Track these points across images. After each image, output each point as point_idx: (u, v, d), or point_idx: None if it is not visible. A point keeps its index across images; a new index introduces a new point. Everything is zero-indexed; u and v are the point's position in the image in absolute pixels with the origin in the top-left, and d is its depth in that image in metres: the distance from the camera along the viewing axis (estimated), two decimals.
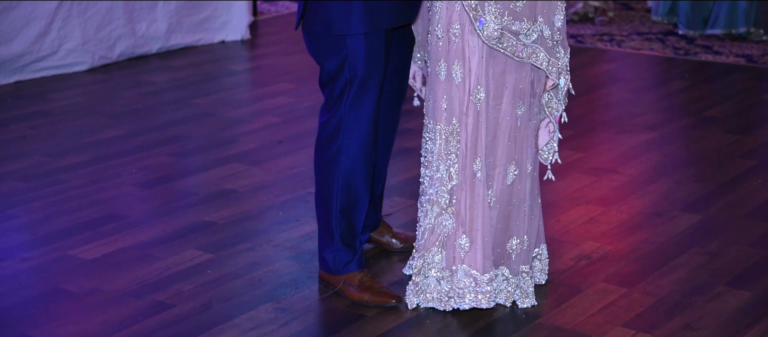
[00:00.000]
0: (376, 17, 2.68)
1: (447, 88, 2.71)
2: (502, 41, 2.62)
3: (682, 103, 4.89)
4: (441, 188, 2.77)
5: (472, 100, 2.68)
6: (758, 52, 5.66)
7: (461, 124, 2.71)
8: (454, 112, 2.71)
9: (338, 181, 2.81)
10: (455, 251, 2.77)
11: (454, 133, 2.73)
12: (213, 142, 4.29)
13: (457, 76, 2.69)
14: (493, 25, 2.60)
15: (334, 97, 2.77)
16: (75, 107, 4.74)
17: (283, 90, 5.02)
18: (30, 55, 5.05)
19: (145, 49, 5.53)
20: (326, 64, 2.76)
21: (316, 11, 2.70)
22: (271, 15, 6.62)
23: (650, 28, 6.22)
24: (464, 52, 2.66)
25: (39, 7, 5.03)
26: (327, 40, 2.72)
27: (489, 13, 2.60)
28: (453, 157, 2.73)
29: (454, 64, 2.68)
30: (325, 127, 2.81)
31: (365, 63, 2.71)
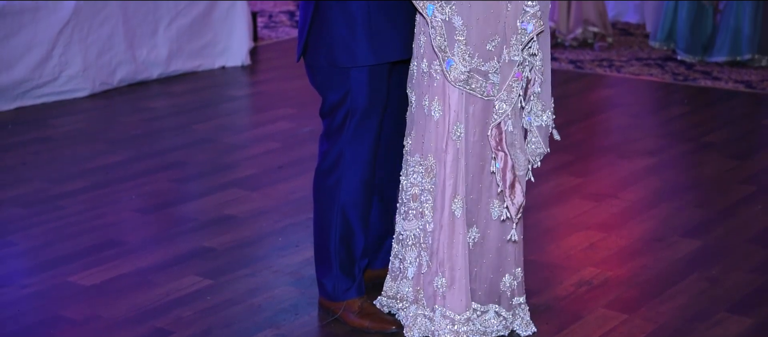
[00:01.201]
0: (380, 50, 2.68)
1: (428, 124, 2.69)
2: (470, 83, 2.60)
3: (681, 129, 4.90)
4: (420, 230, 2.75)
5: (452, 138, 2.65)
6: (757, 78, 5.68)
7: (439, 161, 2.67)
8: (430, 148, 2.69)
9: (337, 210, 2.81)
10: (434, 290, 2.73)
11: (431, 169, 2.70)
12: (213, 167, 4.30)
13: (435, 113, 2.66)
14: (461, 67, 2.57)
15: (334, 127, 2.77)
16: (75, 133, 4.75)
17: (283, 115, 5.03)
18: (31, 82, 5.07)
19: (145, 75, 5.54)
20: (328, 95, 2.76)
21: (320, 44, 2.69)
22: (271, 41, 6.64)
23: (649, 54, 6.24)
24: (444, 89, 2.63)
25: (40, 34, 5.05)
26: (330, 71, 2.72)
27: (457, 55, 2.58)
28: (427, 194, 2.71)
29: (434, 100, 2.66)
30: (324, 157, 2.81)
31: (368, 96, 2.71)
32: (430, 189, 2.71)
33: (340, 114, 2.75)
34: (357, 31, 2.64)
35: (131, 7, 5.40)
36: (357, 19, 2.64)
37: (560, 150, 4.48)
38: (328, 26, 2.66)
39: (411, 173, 2.76)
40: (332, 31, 2.67)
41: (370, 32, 2.65)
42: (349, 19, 2.64)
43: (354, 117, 2.73)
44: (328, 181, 2.81)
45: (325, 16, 2.67)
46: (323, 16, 2.67)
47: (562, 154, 4.40)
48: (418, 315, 2.77)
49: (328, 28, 2.67)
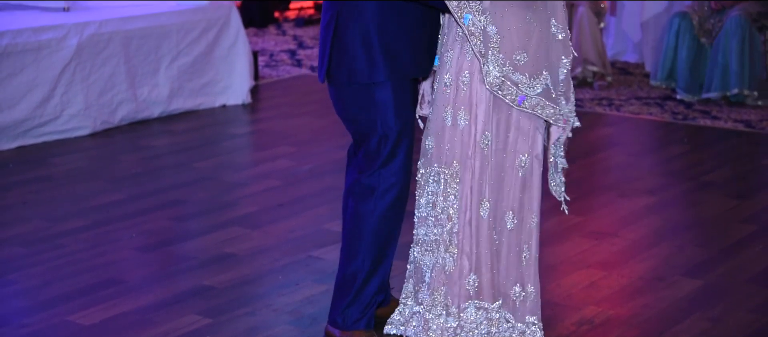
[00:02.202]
0: (396, 64, 2.75)
1: (451, 134, 2.78)
2: (503, 89, 2.71)
3: (681, 168, 4.90)
4: (443, 229, 2.82)
5: (479, 145, 2.75)
6: (756, 118, 5.70)
7: (464, 167, 2.77)
8: (455, 155, 2.78)
9: (369, 238, 2.83)
10: (462, 289, 2.81)
11: (454, 175, 2.78)
12: (213, 205, 4.29)
13: (461, 122, 2.76)
14: (495, 72, 2.68)
15: (371, 152, 2.80)
16: (76, 172, 4.75)
17: (283, 153, 5.04)
18: (32, 121, 5.08)
19: (146, 114, 5.56)
20: (357, 120, 2.80)
21: (340, 62, 2.77)
22: (272, 79, 6.67)
23: (649, 93, 6.27)
24: (471, 99, 2.74)
25: (43, 73, 5.07)
26: (353, 92, 2.77)
27: (491, 61, 2.69)
28: (452, 198, 2.79)
29: (460, 110, 2.76)
30: (358, 183, 2.83)
31: (395, 115, 2.77)
32: (454, 193, 2.79)
33: (373, 139, 2.79)
34: (374, 49, 2.72)
35: (133, 47, 5.43)
36: (373, 37, 2.72)
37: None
38: (347, 46, 2.74)
39: (430, 183, 2.84)
40: (350, 51, 2.74)
41: (387, 49, 2.73)
42: (366, 38, 2.72)
43: (388, 141, 2.78)
44: (365, 208, 2.82)
45: (343, 37, 2.74)
46: (342, 37, 2.75)
47: None
48: (439, 316, 2.83)
49: (346, 48, 2.74)
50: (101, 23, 5.29)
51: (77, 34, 5.18)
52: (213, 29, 5.79)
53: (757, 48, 5.93)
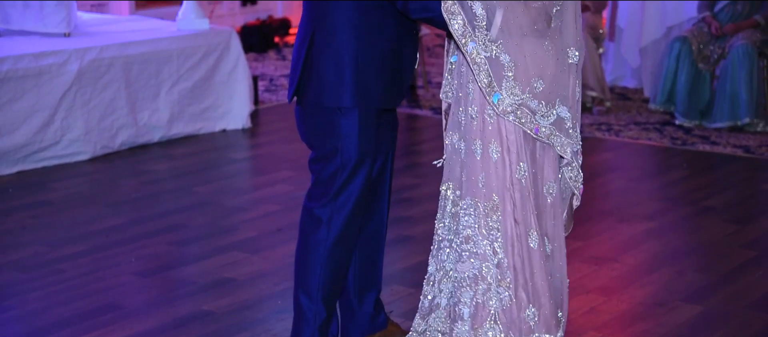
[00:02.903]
0: (367, 94, 2.71)
1: (484, 166, 2.71)
2: (519, 115, 2.64)
3: (681, 193, 4.90)
4: (485, 264, 2.74)
5: (516, 177, 2.69)
6: (755, 143, 5.71)
7: (504, 199, 2.71)
8: (492, 188, 2.71)
9: (321, 267, 2.81)
10: (522, 323, 2.75)
11: (495, 208, 2.72)
12: (212, 230, 4.29)
13: (494, 155, 2.70)
14: (509, 99, 2.62)
15: (323, 180, 2.78)
16: (75, 197, 4.75)
17: (282, 178, 5.04)
18: (32, 146, 5.08)
19: (146, 139, 5.57)
20: (318, 145, 2.78)
21: (309, 82, 2.74)
22: (272, 104, 6.68)
23: (647, 118, 6.28)
24: (501, 131, 2.68)
25: (43, 99, 5.08)
26: (319, 115, 2.74)
27: (505, 89, 2.62)
28: (495, 232, 2.72)
29: (491, 143, 2.69)
30: (311, 214, 2.81)
31: (358, 146, 2.73)
32: (497, 227, 2.72)
33: (329, 168, 2.75)
34: (345, 74, 2.69)
35: (134, 72, 5.45)
36: (345, 63, 2.69)
37: None
38: (319, 68, 2.72)
39: (462, 216, 2.76)
40: (322, 73, 2.71)
41: (358, 76, 2.69)
42: (338, 63, 2.69)
43: (345, 171, 2.74)
44: (315, 238, 2.80)
45: (316, 59, 2.72)
46: (315, 59, 2.72)
47: None
48: None
49: (318, 70, 2.72)
50: (102, 49, 5.30)
51: (78, 60, 5.19)
52: (213, 54, 5.81)
53: (762, 76, 5.96)
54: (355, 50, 2.68)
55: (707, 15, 6.11)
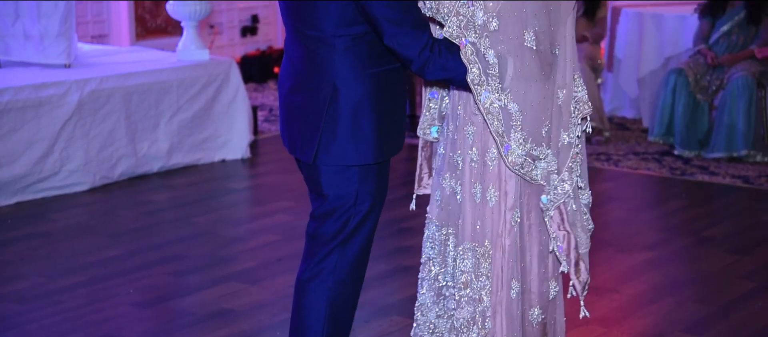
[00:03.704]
0: (387, 146, 2.66)
1: (481, 211, 2.68)
2: (524, 167, 2.62)
3: (680, 223, 4.90)
4: (477, 309, 2.73)
5: (510, 223, 2.66)
6: (754, 174, 5.71)
7: (495, 246, 2.68)
8: (486, 234, 2.68)
9: (326, 312, 2.72)
10: None
11: (486, 255, 2.69)
12: (212, 260, 4.28)
13: (491, 200, 2.66)
14: (519, 151, 2.59)
15: (330, 234, 2.69)
16: (74, 227, 4.75)
17: (282, 208, 5.04)
18: (32, 177, 5.08)
19: (146, 169, 5.57)
20: (332, 195, 2.68)
21: (329, 141, 2.62)
22: (271, 134, 6.69)
23: (646, 149, 6.29)
24: (500, 175, 2.64)
25: (43, 129, 5.09)
26: (337, 170, 2.66)
27: (513, 140, 2.59)
28: (483, 279, 2.70)
29: (489, 187, 2.65)
30: (320, 262, 2.72)
31: (374, 194, 2.68)
32: (486, 274, 2.70)
33: (341, 218, 2.68)
34: (367, 131, 2.61)
35: (134, 102, 5.46)
36: (367, 116, 2.61)
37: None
38: (341, 124, 2.60)
39: (461, 260, 2.74)
40: (344, 130, 2.61)
41: (379, 133, 2.63)
42: (359, 117, 2.61)
43: (356, 218, 2.68)
44: (324, 285, 2.72)
45: (338, 114, 2.61)
46: (337, 114, 2.61)
47: None
48: None
49: (340, 127, 2.61)
50: (102, 79, 5.32)
51: (78, 91, 5.21)
52: (213, 85, 5.83)
53: (761, 107, 5.98)
54: (374, 105, 2.60)
55: (702, 47, 6.14)
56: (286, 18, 2.65)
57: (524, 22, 2.51)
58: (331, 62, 2.56)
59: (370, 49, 2.55)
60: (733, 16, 6.09)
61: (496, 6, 2.49)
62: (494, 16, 2.50)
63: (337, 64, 2.55)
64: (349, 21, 2.51)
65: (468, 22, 2.51)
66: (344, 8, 2.48)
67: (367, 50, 2.55)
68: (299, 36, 2.61)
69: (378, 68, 2.58)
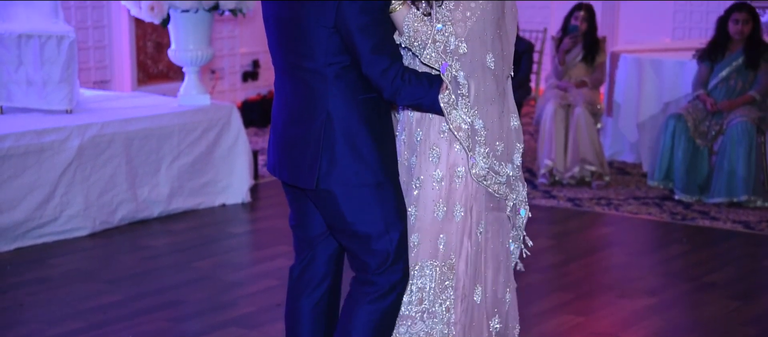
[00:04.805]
0: (388, 163, 2.74)
1: (445, 227, 2.78)
2: (487, 179, 2.76)
3: (681, 268, 4.88)
4: (441, 324, 2.80)
5: (475, 234, 2.78)
6: (755, 219, 5.70)
7: (460, 257, 2.78)
8: (451, 248, 2.79)
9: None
10: None
11: (451, 268, 2.79)
12: (211, 306, 4.26)
13: (457, 215, 2.77)
14: (482, 164, 2.74)
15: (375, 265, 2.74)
16: (74, 273, 4.73)
17: (282, 252, 5.03)
18: (31, 222, 5.08)
19: (146, 214, 5.56)
20: (358, 222, 2.72)
21: (329, 164, 2.70)
22: (271, 178, 6.70)
23: (646, 193, 6.29)
24: (468, 191, 2.77)
25: (44, 175, 5.09)
26: (349, 191, 2.71)
27: (478, 154, 2.73)
28: (449, 291, 2.79)
29: (456, 204, 2.77)
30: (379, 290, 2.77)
31: (401, 214, 2.75)
32: (451, 285, 2.79)
33: (378, 242, 2.73)
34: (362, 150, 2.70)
35: (134, 147, 5.47)
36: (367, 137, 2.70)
37: (560, 289, 4.46)
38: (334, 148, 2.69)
39: (417, 278, 2.81)
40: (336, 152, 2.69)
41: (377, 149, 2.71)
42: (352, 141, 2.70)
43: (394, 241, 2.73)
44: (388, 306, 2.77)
45: (330, 140, 2.70)
46: (343, 136, 2.70)
47: (562, 294, 4.38)
48: None
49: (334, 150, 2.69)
50: (103, 125, 5.34)
51: (79, 136, 5.22)
52: (214, 129, 5.85)
53: (761, 153, 5.99)
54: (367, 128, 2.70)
55: (701, 92, 6.16)
56: (276, 54, 2.79)
57: (486, 45, 2.70)
58: (324, 91, 2.70)
59: (358, 77, 2.69)
60: (732, 62, 6.12)
61: (464, 31, 2.67)
62: (463, 40, 2.67)
63: (329, 93, 2.69)
64: (337, 51, 2.66)
65: (445, 47, 2.68)
66: (331, 38, 2.64)
67: (355, 78, 2.69)
68: (291, 70, 2.75)
69: (367, 94, 2.71)
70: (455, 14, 2.67)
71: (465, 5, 2.66)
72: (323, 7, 2.61)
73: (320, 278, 2.93)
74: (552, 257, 4.97)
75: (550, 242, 5.25)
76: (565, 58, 6.62)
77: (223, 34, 8.70)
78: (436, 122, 2.78)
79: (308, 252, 2.95)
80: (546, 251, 5.05)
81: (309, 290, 2.93)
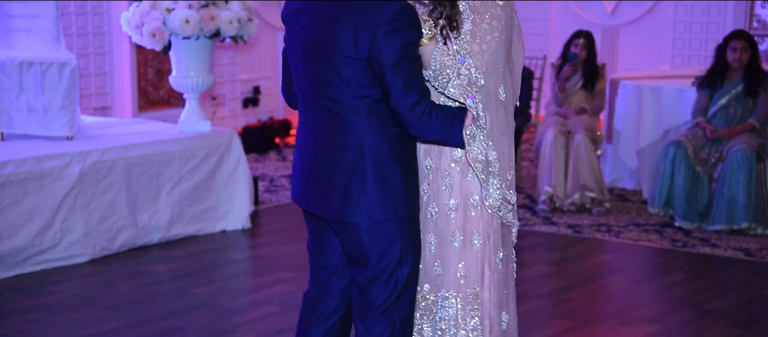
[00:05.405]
0: (414, 198, 2.76)
1: (464, 256, 2.79)
2: (501, 209, 2.79)
3: (682, 296, 4.87)
4: None
5: (495, 262, 2.80)
6: (756, 246, 5.70)
7: (483, 286, 2.79)
8: (472, 277, 2.80)
9: None
10: None
11: (475, 297, 2.78)
12: (211, 332, 4.25)
13: (476, 243, 2.78)
14: (496, 194, 2.76)
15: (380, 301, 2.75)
16: (73, 300, 4.72)
17: (282, 279, 5.02)
18: (31, 249, 5.07)
19: (146, 240, 5.56)
20: (376, 256, 2.74)
21: (360, 197, 2.71)
22: (272, 204, 6.70)
23: (647, 220, 6.29)
24: (484, 219, 2.78)
25: (44, 201, 5.08)
26: (374, 226, 2.72)
27: (492, 185, 2.75)
28: (476, 320, 2.79)
29: (473, 233, 2.79)
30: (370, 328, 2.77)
31: (416, 248, 2.77)
32: (477, 315, 2.80)
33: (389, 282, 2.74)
34: (392, 184, 2.71)
35: (135, 174, 5.48)
36: (399, 171, 2.72)
37: (561, 316, 4.45)
38: (366, 182, 2.70)
39: (439, 309, 2.82)
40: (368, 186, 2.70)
41: (406, 184, 2.73)
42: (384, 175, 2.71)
43: (403, 279, 2.74)
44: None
45: (362, 173, 2.71)
46: (362, 173, 2.71)
47: (563, 321, 4.37)
48: None
49: (365, 184, 2.70)
50: (104, 151, 5.34)
51: (80, 162, 5.22)
52: (214, 156, 5.85)
53: (761, 180, 6.00)
54: (398, 161, 2.72)
55: (701, 120, 6.18)
56: (303, 83, 2.78)
57: (499, 77, 2.73)
58: (357, 124, 2.70)
59: (390, 110, 2.69)
60: (731, 89, 6.14)
61: (482, 64, 2.69)
62: (482, 72, 2.70)
63: (362, 126, 2.69)
64: (369, 83, 2.66)
65: (469, 80, 2.69)
66: (364, 71, 2.64)
67: (387, 111, 2.69)
68: (319, 99, 2.74)
69: (398, 127, 2.72)
70: (473, 47, 2.69)
71: (482, 38, 2.69)
72: (357, 40, 2.62)
73: (333, 310, 2.93)
74: (552, 284, 4.96)
75: (551, 268, 5.24)
76: (565, 85, 6.64)
77: (223, 60, 8.73)
78: (446, 151, 2.80)
79: (324, 281, 2.95)
80: (546, 278, 5.04)
81: (322, 319, 2.93)
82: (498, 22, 2.71)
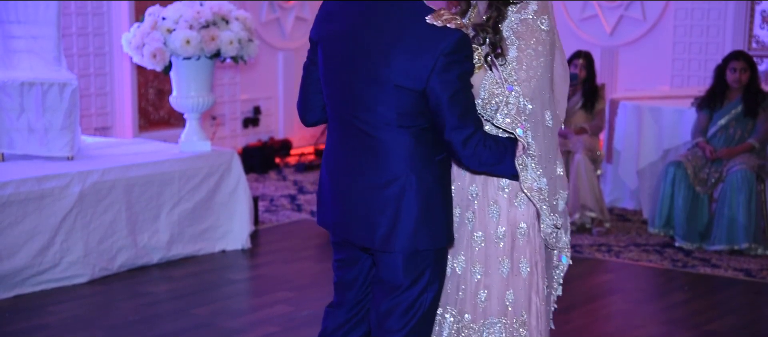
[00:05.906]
0: (451, 227, 2.76)
1: (512, 283, 2.78)
2: (552, 236, 2.79)
3: (683, 316, 4.86)
4: None
5: (541, 289, 2.79)
6: (756, 267, 5.69)
7: (530, 314, 2.78)
8: (520, 304, 2.78)
9: None
10: None
11: (522, 324, 2.78)
12: None
13: (523, 271, 2.77)
14: (548, 221, 2.75)
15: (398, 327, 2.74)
16: (72, 320, 4.70)
17: (282, 299, 5.01)
18: (31, 269, 5.06)
19: (145, 260, 5.55)
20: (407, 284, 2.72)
21: (406, 227, 2.68)
22: (272, 224, 6.69)
23: (647, 240, 6.28)
24: (533, 247, 2.78)
25: (44, 221, 5.08)
26: (412, 256, 2.70)
27: (543, 212, 2.74)
28: None
29: (521, 260, 2.77)
30: None
31: (442, 275, 2.77)
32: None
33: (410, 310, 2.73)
34: (435, 213, 2.70)
35: (135, 194, 5.47)
36: (440, 203, 2.71)
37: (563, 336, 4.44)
38: (412, 211, 2.68)
39: (487, 334, 2.80)
40: (415, 216, 2.68)
41: (446, 213, 2.73)
42: (429, 204, 2.69)
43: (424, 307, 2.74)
44: None
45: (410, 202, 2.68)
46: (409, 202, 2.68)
47: None
48: None
49: (412, 213, 2.68)
50: (104, 171, 5.34)
51: (80, 182, 5.22)
52: (214, 176, 5.86)
53: (761, 201, 5.99)
54: (442, 190, 2.71)
55: (701, 140, 6.19)
56: (338, 106, 2.71)
57: (545, 103, 2.69)
58: (401, 154, 2.65)
59: (434, 138, 2.66)
60: (730, 110, 6.15)
61: (529, 91, 2.66)
62: (529, 100, 2.66)
63: (407, 156, 2.65)
64: (418, 112, 2.61)
65: (518, 109, 2.65)
66: (417, 101, 2.60)
67: (433, 139, 2.66)
68: (356, 123, 2.68)
69: (441, 155, 2.70)
70: (520, 74, 2.65)
71: (528, 64, 2.65)
72: (413, 70, 2.56)
73: (353, 325, 2.92)
74: None
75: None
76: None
77: (224, 80, 8.75)
78: (492, 179, 2.77)
79: (346, 295, 2.93)
80: None
81: (340, 333, 2.93)
82: (543, 48, 2.68)
